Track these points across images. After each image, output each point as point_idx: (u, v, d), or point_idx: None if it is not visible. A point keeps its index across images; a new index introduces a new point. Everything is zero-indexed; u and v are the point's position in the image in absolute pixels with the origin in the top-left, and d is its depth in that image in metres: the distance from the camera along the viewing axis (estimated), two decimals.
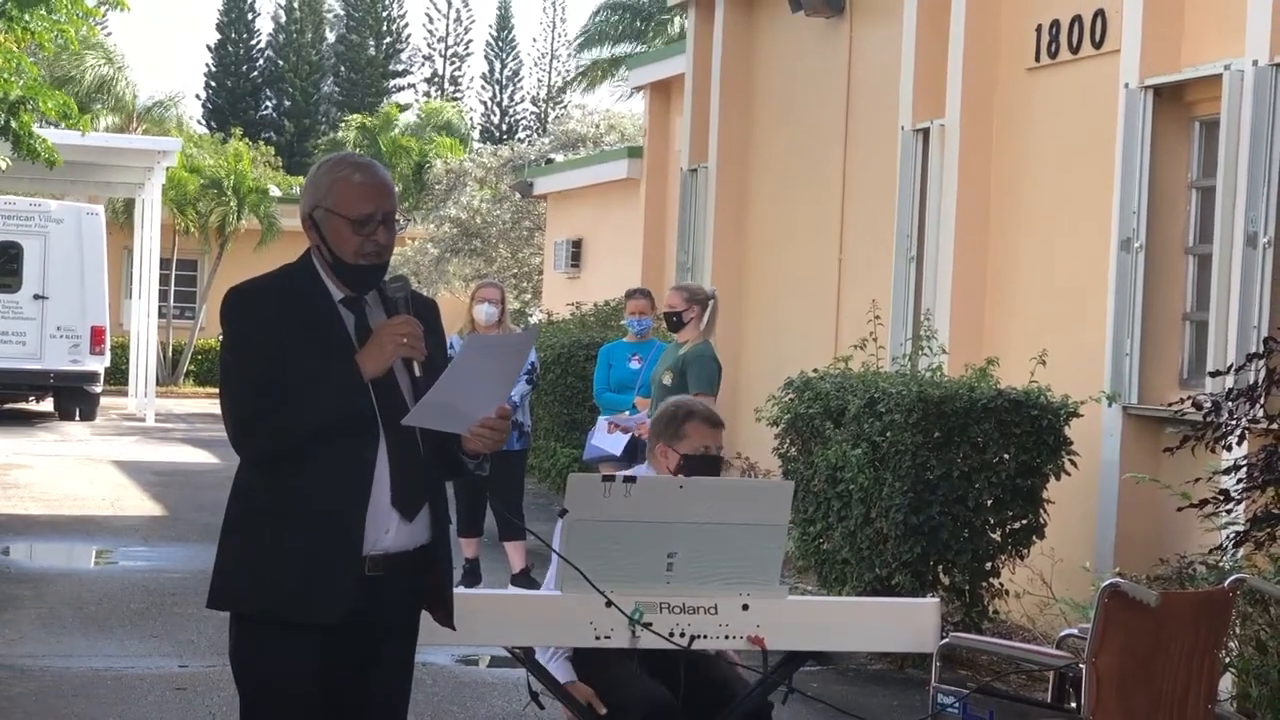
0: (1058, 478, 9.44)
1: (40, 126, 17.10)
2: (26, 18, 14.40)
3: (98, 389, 25.31)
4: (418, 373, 4.32)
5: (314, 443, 4.22)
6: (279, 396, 4.20)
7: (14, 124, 15.41)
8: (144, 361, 27.29)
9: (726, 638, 5.24)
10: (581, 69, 36.17)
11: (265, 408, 4.22)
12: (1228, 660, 7.20)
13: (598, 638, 5.14)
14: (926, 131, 12.22)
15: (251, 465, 4.34)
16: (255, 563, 4.28)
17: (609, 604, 5.03)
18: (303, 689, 4.28)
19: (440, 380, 4.26)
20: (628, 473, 5.39)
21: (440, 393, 4.23)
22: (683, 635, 5.16)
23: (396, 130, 40.72)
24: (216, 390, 4.49)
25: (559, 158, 27.93)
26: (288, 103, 60.50)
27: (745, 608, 5.22)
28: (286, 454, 4.24)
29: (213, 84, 60.75)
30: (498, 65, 64.72)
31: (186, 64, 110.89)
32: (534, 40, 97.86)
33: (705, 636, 5.20)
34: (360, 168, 4.42)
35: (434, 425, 4.30)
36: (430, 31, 65.13)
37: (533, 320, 20.90)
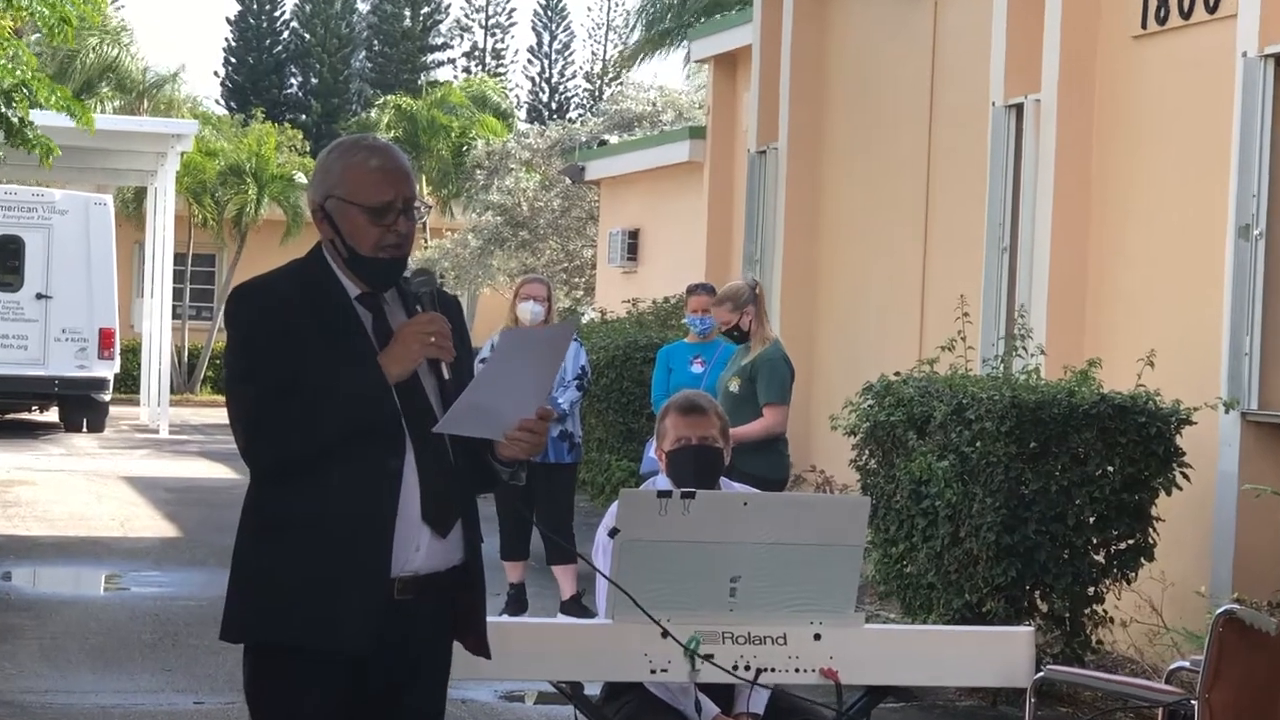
0: (1168, 493, 9.37)
1: (40, 110, 17.17)
2: None
3: (106, 397, 25.51)
4: (446, 375, 4.32)
5: (332, 453, 4.22)
6: (293, 403, 4.20)
7: (7, 112, 15.51)
8: (157, 367, 27.48)
9: (797, 670, 5.21)
10: (637, 44, 36.11)
11: (278, 416, 4.22)
12: None
13: (653, 671, 5.13)
14: (1020, 108, 12.17)
15: (263, 479, 4.34)
16: (271, 588, 4.28)
17: (665, 634, 5.02)
18: None
19: (475, 380, 4.24)
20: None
21: (476, 394, 4.21)
22: (748, 668, 5.14)
23: (438, 109, 40.70)
24: None
25: (613, 139, 27.93)
26: (314, 80, 60.70)
27: (817, 637, 5.20)
28: (302, 466, 4.24)
29: (232, 60, 60.99)
30: (546, 37, 64.87)
31: (204, 39, 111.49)
32: (589, 10, 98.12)
33: (773, 670, 5.18)
34: (376, 151, 4.43)
35: (469, 432, 4.27)
36: (469, 0, 65.28)
37: (585, 319, 20.92)
